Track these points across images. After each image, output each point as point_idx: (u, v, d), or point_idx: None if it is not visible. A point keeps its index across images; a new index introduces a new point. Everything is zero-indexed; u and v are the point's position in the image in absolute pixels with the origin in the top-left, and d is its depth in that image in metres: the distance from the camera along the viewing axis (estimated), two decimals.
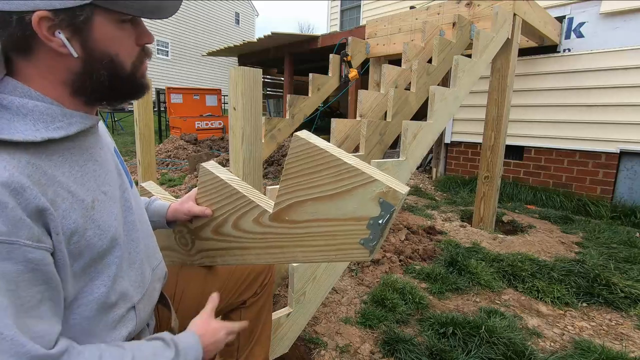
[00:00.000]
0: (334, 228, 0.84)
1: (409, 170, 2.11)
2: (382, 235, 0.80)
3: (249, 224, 0.97)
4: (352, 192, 0.79)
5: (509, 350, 1.70)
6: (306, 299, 1.50)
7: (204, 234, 1.06)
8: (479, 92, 4.67)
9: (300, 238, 0.90)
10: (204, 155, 5.93)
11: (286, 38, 7.29)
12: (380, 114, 2.64)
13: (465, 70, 2.56)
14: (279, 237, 0.93)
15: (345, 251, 0.84)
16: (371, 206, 0.78)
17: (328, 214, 0.83)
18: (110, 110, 12.08)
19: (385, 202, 0.76)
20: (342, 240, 0.84)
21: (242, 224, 0.99)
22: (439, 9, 3.44)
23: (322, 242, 0.87)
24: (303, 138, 0.83)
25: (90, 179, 0.69)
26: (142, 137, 2.08)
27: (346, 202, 0.80)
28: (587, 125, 4.33)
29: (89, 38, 0.62)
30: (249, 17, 24.78)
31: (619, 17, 4.02)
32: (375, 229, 0.79)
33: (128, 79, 0.70)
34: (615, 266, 2.66)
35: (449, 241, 3.07)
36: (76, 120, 0.66)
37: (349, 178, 0.79)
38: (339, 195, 0.81)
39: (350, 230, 0.82)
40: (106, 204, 0.71)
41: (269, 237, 0.95)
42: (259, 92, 1.20)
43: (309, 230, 0.88)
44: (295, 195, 0.86)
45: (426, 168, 6.40)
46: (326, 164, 0.81)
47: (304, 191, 0.85)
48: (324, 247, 0.87)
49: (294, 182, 0.86)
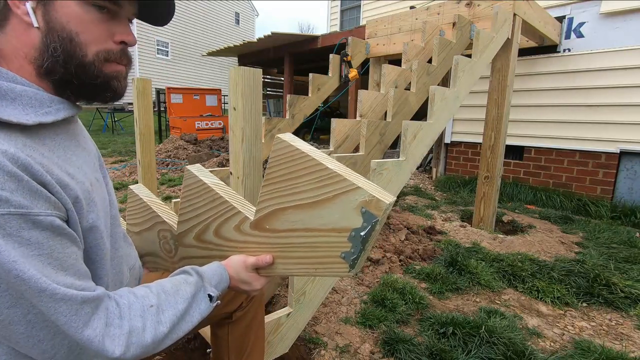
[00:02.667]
0: (315, 239, 0.80)
1: (409, 170, 2.11)
2: (364, 249, 0.75)
3: (230, 232, 0.94)
4: (334, 200, 0.75)
5: (509, 350, 1.70)
6: (306, 299, 1.50)
7: (187, 240, 1.03)
8: (479, 92, 4.67)
9: (281, 248, 0.86)
10: (204, 155, 5.93)
11: (286, 38, 7.29)
12: (380, 114, 2.63)
13: (465, 70, 2.56)
14: (259, 247, 0.89)
15: (326, 265, 0.80)
16: (353, 216, 0.73)
17: (309, 223, 0.79)
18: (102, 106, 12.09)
19: (368, 212, 0.71)
20: (322, 253, 0.80)
21: (223, 232, 0.95)
22: (439, 9, 3.44)
23: (303, 253, 0.83)
24: (285, 140, 0.79)
25: (83, 164, 0.72)
26: (142, 137, 2.07)
27: (328, 211, 0.76)
28: (587, 125, 4.33)
29: (52, 9, 0.63)
30: (249, 17, 24.78)
31: (619, 17, 4.02)
32: (356, 241, 0.74)
33: (87, 67, 0.67)
34: (615, 266, 2.66)
35: (449, 241, 3.07)
36: (64, 106, 0.68)
37: (331, 185, 0.75)
38: (320, 203, 0.77)
39: (332, 242, 0.78)
40: (99, 190, 0.74)
41: (249, 246, 0.91)
42: (259, 92, 1.20)
43: (290, 240, 0.84)
44: (277, 202, 0.83)
45: (426, 168, 6.40)
46: (308, 169, 0.77)
47: (285, 197, 0.81)
48: (305, 259, 0.83)
49: (275, 188, 0.82)
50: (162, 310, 0.72)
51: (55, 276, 0.59)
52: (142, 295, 0.72)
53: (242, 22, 23.96)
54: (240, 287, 0.89)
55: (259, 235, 0.88)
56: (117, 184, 4.73)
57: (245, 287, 0.89)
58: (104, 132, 11.78)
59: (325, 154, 0.80)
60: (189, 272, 0.81)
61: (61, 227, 0.61)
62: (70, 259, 0.62)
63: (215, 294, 0.81)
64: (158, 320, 0.70)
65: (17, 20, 0.63)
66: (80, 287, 0.62)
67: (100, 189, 0.75)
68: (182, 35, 19.62)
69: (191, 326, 0.76)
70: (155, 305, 0.71)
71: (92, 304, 0.63)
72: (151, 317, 0.70)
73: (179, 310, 0.74)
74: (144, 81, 1.95)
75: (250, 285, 0.88)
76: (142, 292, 0.73)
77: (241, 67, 1.16)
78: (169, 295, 0.75)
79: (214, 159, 5.87)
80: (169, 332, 0.71)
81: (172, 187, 4.78)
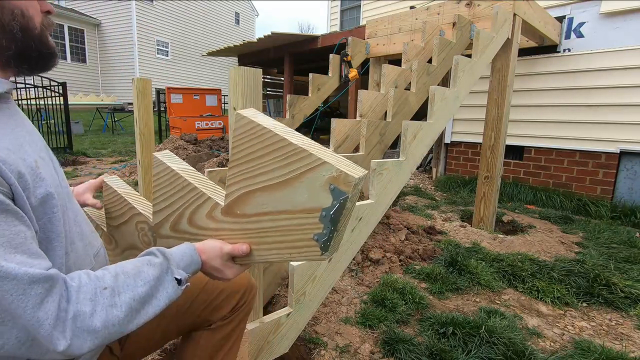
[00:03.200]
0: (286, 222, 0.75)
1: (409, 170, 2.11)
2: (337, 229, 0.70)
3: (202, 220, 0.90)
4: (301, 178, 0.70)
5: (509, 350, 1.70)
6: (306, 299, 1.50)
7: (163, 231, 0.99)
8: (479, 92, 4.67)
9: (253, 234, 0.81)
10: (204, 155, 5.93)
11: (286, 38, 7.29)
12: (380, 114, 2.64)
13: (465, 70, 2.56)
14: (233, 234, 0.85)
15: (300, 249, 0.76)
16: (322, 195, 0.69)
17: (278, 205, 0.75)
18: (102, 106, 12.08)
19: (337, 188, 0.67)
20: (295, 237, 0.75)
21: (196, 220, 0.91)
22: (439, 9, 3.44)
23: (276, 238, 0.78)
24: (246, 117, 0.74)
25: (24, 143, 0.70)
26: (142, 137, 2.07)
27: (296, 191, 0.72)
28: (587, 125, 4.33)
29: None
30: (249, 17, 24.79)
31: (619, 17, 4.02)
32: (326, 222, 0.70)
33: (39, 39, 0.73)
34: (615, 266, 2.66)
35: (449, 241, 3.07)
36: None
37: (296, 162, 0.70)
38: (288, 182, 0.72)
39: (303, 224, 0.73)
40: (46, 167, 0.73)
41: (223, 234, 0.86)
42: (259, 92, 1.20)
43: (261, 225, 0.79)
44: (244, 184, 0.78)
45: (426, 168, 6.40)
46: (272, 146, 0.72)
47: (252, 179, 0.77)
48: (278, 244, 0.79)
49: (241, 170, 0.77)
50: (117, 292, 0.67)
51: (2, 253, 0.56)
52: (97, 277, 0.67)
53: (242, 22, 23.96)
54: (212, 274, 0.85)
55: (231, 222, 0.84)
56: None
57: (217, 275, 0.84)
58: (104, 132, 11.78)
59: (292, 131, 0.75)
60: (154, 254, 0.77)
61: (5, 203, 0.58)
62: (18, 237, 0.59)
63: (183, 277, 0.76)
64: (112, 303, 0.65)
65: None
66: (30, 264, 0.58)
67: (46, 167, 0.73)
68: (182, 35, 19.62)
69: (158, 310, 0.72)
70: (110, 288, 0.67)
71: (45, 284, 0.59)
72: (103, 300, 0.65)
73: (138, 293, 0.69)
74: (144, 81, 1.94)
75: (222, 274, 0.84)
76: (98, 273, 0.69)
77: (241, 67, 1.16)
78: (129, 277, 0.70)
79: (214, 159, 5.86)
80: (127, 317, 0.67)
81: None
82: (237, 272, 0.85)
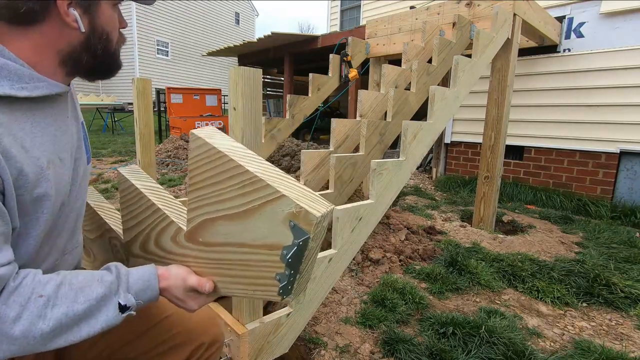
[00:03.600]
0: (247, 256, 0.69)
1: (409, 170, 2.11)
2: (299, 272, 0.63)
3: (168, 243, 0.84)
4: (261, 210, 0.64)
5: (509, 350, 1.70)
6: (306, 299, 1.50)
7: (134, 250, 0.93)
8: (479, 92, 4.67)
9: (217, 265, 0.75)
10: None
11: (286, 38, 7.29)
12: (380, 114, 2.64)
13: (465, 70, 2.56)
14: (197, 261, 0.78)
15: (264, 287, 0.70)
16: (283, 231, 0.62)
17: (240, 237, 0.69)
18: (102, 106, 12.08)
19: (297, 226, 0.60)
20: (257, 273, 0.69)
21: (162, 242, 0.85)
22: (439, 9, 3.44)
23: (239, 272, 0.72)
24: (200, 137, 0.67)
25: (48, 141, 0.71)
26: (142, 137, 2.07)
27: (256, 224, 0.65)
28: (587, 125, 4.33)
29: (96, 16, 0.73)
30: (249, 17, 24.79)
31: (619, 17, 4.02)
32: (287, 263, 0.63)
33: (113, 55, 0.80)
34: (615, 266, 2.66)
35: (449, 241, 3.07)
36: (43, 85, 0.69)
37: (253, 192, 0.64)
38: (248, 213, 0.66)
39: (265, 261, 0.67)
40: (61, 169, 0.73)
41: (189, 260, 0.80)
42: (259, 92, 1.20)
43: (225, 256, 0.73)
44: (205, 210, 0.72)
45: (426, 168, 6.41)
46: (229, 172, 0.66)
47: (212, 206, 0.70)
48: (241, 278, 0.73)
49: (200, 195, 0.71)
50: (53, 304, 0.63)
51: None
52: (39, 282, 0.64)
53: (242, 22, 23.97)
54: (175, 302, 0.79)
55: (195, 249, 0.77)
56: (117, 184, 4.72)
57: (180, 304, 0.79)
58: (104, 132, 11.78)
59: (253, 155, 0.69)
60: (110, 270, 0.72)
61: None
62: None
63: (130, 304, 0.70)
64: (41, 314, 0.61)
65: (58, 20, 0.68)
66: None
67: (61, 168, 0.73)
68: (182, 35, 19.62)
69: (90, 333, 0.66)
70: (46, 297, 0.63)
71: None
72: (34, 308, 0.61)
73: (74, 310, 0.64)
74: (144, 81, 1.94)
75: (185, 304, 0.78)
76: (44, 278, 0.65)
77: (241, 67, 1.16)
78: (72, 289, 0.66)
79: None
80: (53, 332, 0.62)
81: (172, 187, 4.78)
82: (202, 303, 0.79)
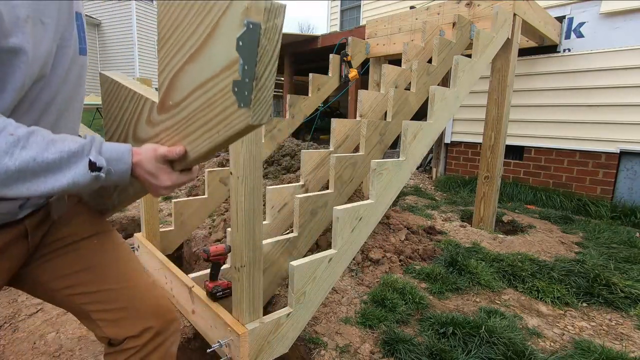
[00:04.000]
0: (210, 92, 0.73)
1: (409, 170, 2.11)
2: (255, 76, 0.65)
3: (143, 129, 0.91)
4: (218, 28, 0.68)
5: (509, 350, 1.70)
6: (306, 299, 1.50)
7: None
8: (479, 92, 4.67)
9: (185, 124, 0.80)
10: None
11: (286, 38, 7.29)
12: (380, 114, 2.64)
13: (465, 70, 2.56)
14: (167, 134, 0.85)
15: (227, 120, 0.72)
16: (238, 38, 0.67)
17: (202, 74, 0.73)
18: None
19: (249, 22, 0.63)
20: (220, 107, 0.72)
21: (139, 133, 0.92)
22: (439, 9, 3.44)
23: (203, 118, 0.77)
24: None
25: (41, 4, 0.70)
26: None
27: (216, 48, 0.70)
28: (587, 125, 4.33)
29: None
30: None
31: (619, 17, 4.02)
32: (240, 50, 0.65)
33: None
34: (615, 266, 2.66)
35: (449, 241, 3.07)
36: None
37: (209, 13, 0.70)
38: (207, 41, 0.71)
39: (225, 86, 0.70)
40: (41, 33, 0.71)
41: (161, 138, 0.86)
42: None
43: (191, 107, 0.78)
44: (171, 65, 0.79)
45: (426, 168, 6.41)
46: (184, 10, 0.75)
47: (177, 56, 0.78)
48: (207, 124, 0.76)
49: (168, 48, 0.79)
50: (22, 146, 0.63)
51: None
52: (12, 124, 0.64)
53: None
54: (147, 179, 0.80)
55: (166, 119, 0.85)
56: None
57: (152, 181, 0.80)
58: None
59: None
60: (85, 136, 0.74)
61: None
62: None
63: (101, 164, 0.71)
64: (9, 151, 0.61)
65: None
66: None
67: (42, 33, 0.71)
68: None
69: (56, 187, 0.67)
70: (17, 137, 0.63)
71: None
72: (2, 143, 0.61)
73: (43, 158, 0.64)
74: (144, 81, 1.94)
75: (158, 179, 0.79)
76: (18, 124, 0.65)
77: None
78: (45, 140, 0.66)
79: (214, 159, 5.86)
80: (17, 173, 0.63)
81: None
82: (174, 180, 0.81)
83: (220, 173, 2.49)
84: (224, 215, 3.13)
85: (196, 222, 2.45)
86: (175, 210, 2.32)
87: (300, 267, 1.44)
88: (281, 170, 4.85)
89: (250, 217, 1.26)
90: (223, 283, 1.50)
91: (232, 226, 1.28)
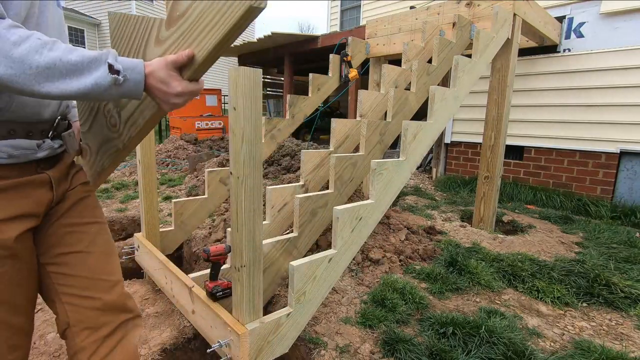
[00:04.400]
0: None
1: (409, 170, 2.11)
2: None
3: (152, 52, 0.96)
4: None
5: (509, 350, 1.70)
6: (306, 299, 1.50)
7: None
8: (479, 92, 4.67)
9: (191, 31, 0.87)
10: (204, 155, 5.92)
11: (286, 38, 7.29)
12: (380, 114, 2.64)
13: (465, 70, 2.56)
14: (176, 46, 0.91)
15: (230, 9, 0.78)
16: None
17: None
18: None
19: None
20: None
21: (148, 55, 0.98)
22: (439, 9, 3.44)
23: (208, 17, 0.83)
24: None
25: None
26: None
27: None
28: (587, 125, 4.33)
29: None
30: None
31: (619, 17, 4.02)
32: None
33: None
34: (615, 266, 2.66)
35: (449, 241, 3.07)
36: None
37: None
38: None
39: None
40: None
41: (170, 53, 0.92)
42: (259, 92, 1.20)
43: (195, 12, 0.85)
44: None
45: (426, 168, 6.41)
46: None
47: None
48: (211, 22, 0.82)
49: None
50: (50, 48, 0.70)
51: None
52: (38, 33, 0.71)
53: None
54: (159, 88, 0.83)
55: (173, 32, 0.91)
56: (117, 184, 4.73)
57: (164, 88, 0.83)
58: None
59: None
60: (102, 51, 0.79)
61: None
62: None
63: (118, 68, 0.77)
64: (38, 50, 0.69)
65: None
66: None
67: None
68: None
69: (80, 87, 0.73)
70: (44, 41, 0.70)
71: None
72: (33, 43, 0.68)
73: (68, 58, 0.71)
74: None
75: (169, 86, 0.83)
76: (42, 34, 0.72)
77: (241, 67, 1.16)
78: (68, 48, 0.73)
79: (214, 159, 5.86)
80: (47, 70, 0.69)
81: (172, 187, 4.78)
82: (185, 87, 0.85)
83: (220, 173, 2.49)
84: (224, 215, 3.13)
85: (196, 222, 2.45)
86: (175, 210, 2.32)
87: (300, 267, 1.44)
88: (281, 170, 4.86)
89: (250, 217, 1.26)
90: (223, 283, 1.50)
91: (232, 226, 1.28)
